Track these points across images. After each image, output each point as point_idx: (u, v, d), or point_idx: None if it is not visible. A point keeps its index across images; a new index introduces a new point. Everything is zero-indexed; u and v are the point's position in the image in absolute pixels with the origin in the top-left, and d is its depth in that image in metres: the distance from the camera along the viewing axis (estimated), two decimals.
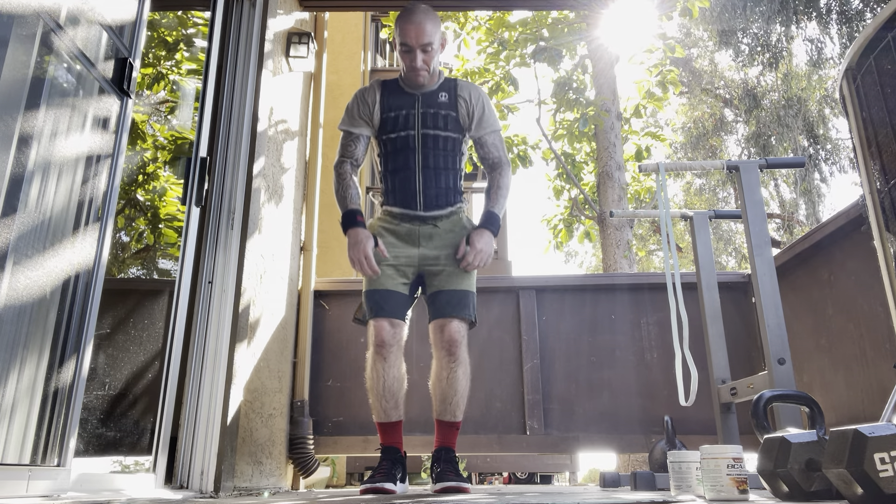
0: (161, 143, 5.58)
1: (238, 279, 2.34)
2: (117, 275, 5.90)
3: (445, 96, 2.30)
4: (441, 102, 2.29)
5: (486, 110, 2.33)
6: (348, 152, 2.36)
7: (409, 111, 2.28)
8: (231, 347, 2.25)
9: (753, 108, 12.03)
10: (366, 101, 2.32)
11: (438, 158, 2.28)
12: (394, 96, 2.31)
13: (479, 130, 2.34)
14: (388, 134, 2.29)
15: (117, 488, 1.84)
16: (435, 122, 2.27)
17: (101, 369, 3.04)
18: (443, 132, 2.28)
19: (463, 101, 2.29)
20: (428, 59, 2.20)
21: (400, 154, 2.28)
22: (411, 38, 2.17)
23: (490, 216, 2.29)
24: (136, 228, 5.63)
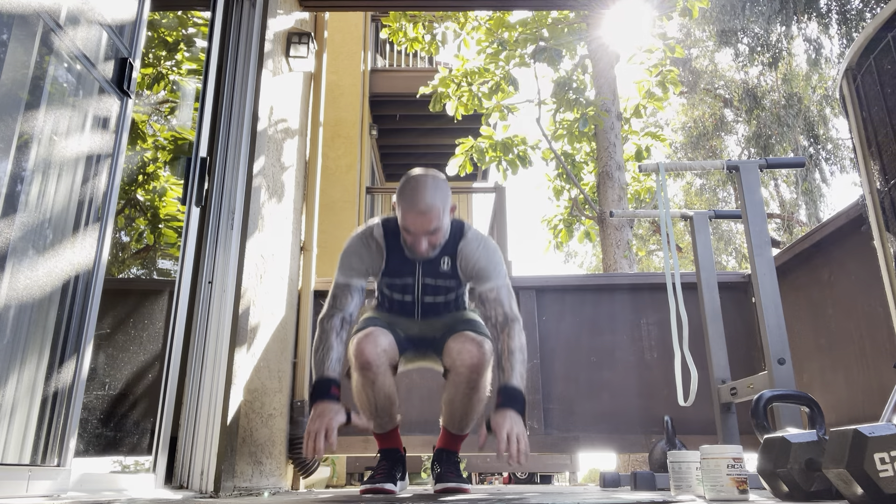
0: (161, 143, 5.58)
1: (238, 279, 2.34)
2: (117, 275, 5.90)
3: (448, 263, 2.06)
4: (443, 272, 2.08)
5: (486, 265, 2.04)
6: (340, 304, 2.06)
7: (408, 279, 2.10)
8: (231, 347, 2.25)
9: (753, 108, 12.03)
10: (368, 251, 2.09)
11: (439, 307, 2.16)
12: (394, 256, 2.08)
13: (480, 285, 2.05)
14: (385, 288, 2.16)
15: (117, 488, 1.84)
16: (435, 291, 2.11)
17: (101, 369, 3.04)
18: (444, 295, 2.13)
19: (463, 261, 2.06)
20: (434, 240, 1.96)
21: (398, 303, 2.16)
22: (416, 226, 1.90)
23: (508, 393, 1.90)
24: (136, 228, 5.63)
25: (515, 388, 1.90)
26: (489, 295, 2.03)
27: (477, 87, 6.90)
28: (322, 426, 1.79)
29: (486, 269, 2.04)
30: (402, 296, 2.13)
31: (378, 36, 9.70)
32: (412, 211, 1.88)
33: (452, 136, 8.30)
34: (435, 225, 1.90)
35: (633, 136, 7.71)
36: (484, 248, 2.07)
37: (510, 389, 1.90)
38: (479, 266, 2.04)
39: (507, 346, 1.96)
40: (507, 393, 1.89)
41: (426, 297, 2.12)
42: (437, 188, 1.92)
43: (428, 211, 1.87)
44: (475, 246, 2.06)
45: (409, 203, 1.89)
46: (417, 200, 1.88)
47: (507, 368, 1.93)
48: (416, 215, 1.87)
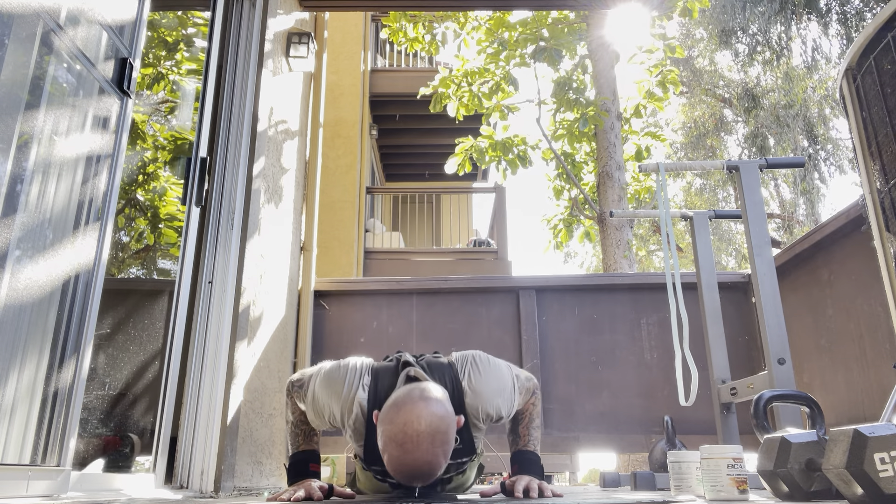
0: (161, 143, 5.58)
1: (238, 279, 2.34)
2: (117, 275, 5.90)
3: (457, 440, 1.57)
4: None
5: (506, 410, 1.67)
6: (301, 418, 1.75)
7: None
8: (231, 347, 2.25)
9: (753, 108, 12.03)
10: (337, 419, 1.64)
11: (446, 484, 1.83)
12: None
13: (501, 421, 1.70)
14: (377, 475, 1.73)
15: (117, 488, 1.84)
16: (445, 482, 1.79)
17: (101, 369, 3.04)
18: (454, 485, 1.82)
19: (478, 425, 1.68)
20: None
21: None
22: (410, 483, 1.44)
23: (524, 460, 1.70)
24: (136, 228, 5.63)
25: (532, 452, 1.72)
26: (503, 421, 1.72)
27: (477, 87, 6.90)
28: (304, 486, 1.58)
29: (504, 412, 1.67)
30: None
31: (378, 36, 9.70)
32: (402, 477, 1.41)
33: (452, 136, 8.30)
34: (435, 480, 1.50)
35: (633, 136, 7.71)
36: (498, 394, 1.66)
37: (528, 455, 1.71)
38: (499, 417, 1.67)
39: (528, 415, 1.78)
40: (524, 459, 1.70)
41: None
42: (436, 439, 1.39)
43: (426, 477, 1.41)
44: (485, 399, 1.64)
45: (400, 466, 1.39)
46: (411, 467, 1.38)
47: (524, 434, 1.75)
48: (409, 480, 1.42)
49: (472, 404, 1.62)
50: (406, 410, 1.40)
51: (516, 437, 1.74)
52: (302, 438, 1.71)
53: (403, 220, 11.15)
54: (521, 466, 1.68)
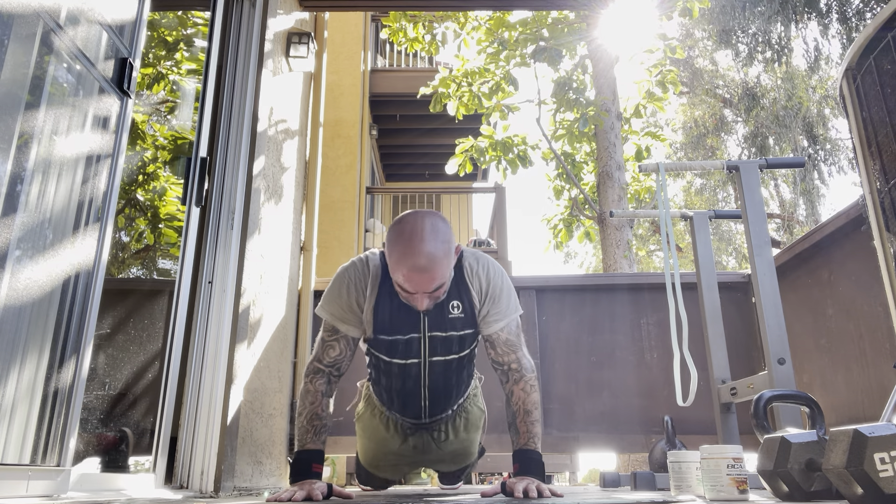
0: (161, 143, 5.58)
1: (238, 279, 2.34)
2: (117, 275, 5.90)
3: (458, 307, 1.72)
4: (454, 319, 1.73)
5: (497, 300, 1.75)
6: (328, 357, 1.77)
7: (413, 336, 1.74)
8: (231, 347, 2.25)
9: (753, 108, 12.04)
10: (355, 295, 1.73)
11: (450, 379, 1.85)
12: (391, 303, 1.71)
13: (488, 327, 1.76)
14: (383, 355, 1.79)
15: (117, 488, 1.84)
16: (447, 348, 1.77)
17: (101, 369, 3.04)
18: (457, 355, 1.80)
19: (478, 293, 1.74)
20: (438, 295, 1.64)
21: (399, 378, 1.83)
22: (414, 286, 1.56)
23: (525, 459, 1.68)
24: (136, 228, 5.63)
25: (533, 451, 1.69)
26: (500, 336, 1.76)
27: (477, 87, 6.90)
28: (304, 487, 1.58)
29: (498, 306, 1.74)
30: (404, 362, 1.78)
31: (378, 36, 9.70)
32: (407, 267, 1.52)
33: (452, 136, 8.30)
34: (439, 282, 1.57)
35: (633, 136, 7.71)
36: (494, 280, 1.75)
37: (529, 454, 1.68)
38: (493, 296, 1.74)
39: (523, 406, 1.72)
40: (525, 459, 1.68)
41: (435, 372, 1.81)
42: (438, 235, 1.54)
43: (428, 267, 1.52)
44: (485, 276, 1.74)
45: (403, 256, 1.52)
46: (414, 254, 1.51)
47: (523, 431, 1.70)
48: (414, 272, 1.52)
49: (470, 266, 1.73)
50: (409, 215, 1.59)
51: (517, 434, 1.72)
52: (311, 435, 1.70)
53: None
54: (522, 466, 1.67)
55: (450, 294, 1.71)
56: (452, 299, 1.72)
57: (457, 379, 1.86)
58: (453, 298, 1.72)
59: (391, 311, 1.71)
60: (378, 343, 1.76)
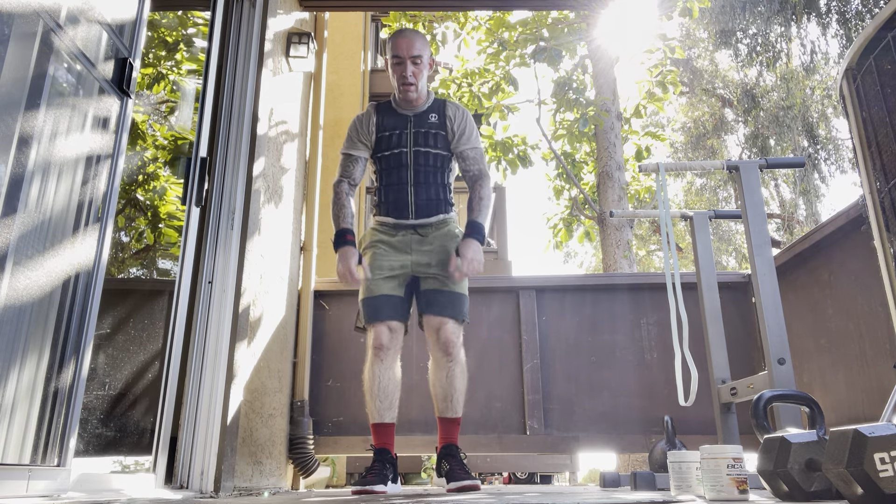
0: (161, 143, 5.58)
1: (238, 279, 2.34)
2: (117, 275, 5.90)
3: (435, 117, 2.46)
4: (431, 122, 2.45)
5: (469, 127, 2.47)
6: (347, 172, 2.49)
7: (403, 131, 2.43)
8: (231, 347, 2.25)
9: (753, 109, 12.04)
10: (363, 124, 2.48)
11: (429, 174, 2.42)
12: (388, 117, 2.46)
13: (461, 145, 2.45)
14: (383, 152, 2.44)
15: (117, 488, 1.84)
16: (426, 140, 2.43)
17: (101, 369, 3.04)
18: (433, 150, 2.42)
19: (449, 120, 2.45)
20: (417, 73, 2.38)
21: (394, 171, 2.42)
22: (402, 50, 2.35)
23: (474, 226, 2.38)
24: (136, 228, 5.63)
25: (480, 223, 2.36)
26: (469, 153, 2.45)
27: (477, 87, 6.90)
28: (345, 269, 2.28)
29: (468, 131, 2.46)
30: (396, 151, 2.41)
31: (378, 36, 9.69)
32: (400, 38, 2.35)
33: None
34: (418, 52, 2.35)
35: (633, 136, 7.71)
36: (466, 115, 2.49)
37: (477, 224, 2.36)
38: (462, 127, 2.44)
39: (479, 194, 2.43)
40: (474, 227, 2.36)
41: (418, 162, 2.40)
42: (420, 34, 2.40)
43: (413, 39, 2.35)
44: (459, 110, 2.49)
45: (397, 34, 2.37)
46: (404, 32, 2.39)
47: (476, 209, 2.40)
48: (403, 40, 2.34)
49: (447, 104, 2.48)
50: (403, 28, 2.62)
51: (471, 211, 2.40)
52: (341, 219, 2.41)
53: None
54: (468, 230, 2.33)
55: (430, 109, 2.45)
56: (431, 113, 2.44)
57: (434, 178, 2.41)
58: (432, 112, 2.45)
59: (388, 120, 2.46)
60: (379, 141, 2.44)
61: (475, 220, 2.40)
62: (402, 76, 2.37)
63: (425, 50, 2.40)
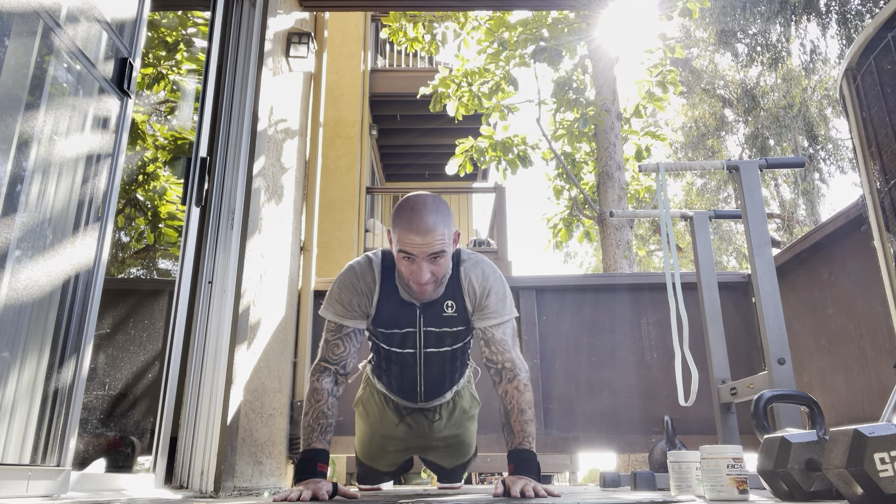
0: (161, 143, 5.58)
1: (238, 279, 2.34)
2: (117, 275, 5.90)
3: (452, 306, 1.81)
4: (447, 316, 1.82)
5: (494, 298, 1.81)
6: (335, 355, 1.81)
7: (409, 329, 1.84)
8: (231, 347, 2.25)
9: (753, 109, 12.04)
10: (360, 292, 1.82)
11: (444, 367, 1.95)
12: (391, 301, 1.81)
13: (482, 321, 1.81)
14: (382, 343, 1.91)
15: (117, 488, 1.84)
16: (440, 341, 1.87)
17: (101, 369, 3.04)
18: (450, 348, 1.90)
19: (470, 299, 1.81)
20: (438, 271, 1.69)
21: (397, 364, 1.94)
22: (416, 248, 1.63)
23: (521, 459, 1.68)
24: (136, 228, 5.63)
25: (528, 451, 1.69)
26: (494, 334, 1.79)
27: (477, 87, 6.90)
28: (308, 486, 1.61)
29: (492, 300, 1.80)
30: (401, 351, 1.88)
31: (378, 36, 9.70)
32: (412, 230, 1.61)
33: (452, 136, 8.30)
34: (439, 247, 1.63)
35: (633, 136, 7.71)
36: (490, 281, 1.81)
37: (524, 454, 1.69)
38: (483, 297, 1.80)
39: (517, 405, 1.74)
40: (520, 459, 1.68)
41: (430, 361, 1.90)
42: (439, 208, 1.65)
43: (431, 230, 1.60)
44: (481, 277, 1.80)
45: (408, 222, 1.62)
46: (418, 219, 1.61)
47: (518, 431, 1.72)
48: (417, 235, 1.61)
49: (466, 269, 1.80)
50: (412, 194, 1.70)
51: (511, 434, 1.73)
52: (317, 434, 1.72)
53: None
54: (517, 466, 1.67)
55: (445, 294, 1.80)
56: (447, 299, 1.80)
57: (450, 368, 1.96)
58: (448, 299, 1.80)
59: (390, 309, 1.81)
60: (377, 333, 1.88)
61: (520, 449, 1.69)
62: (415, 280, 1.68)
63: (449, 232, 1.66)
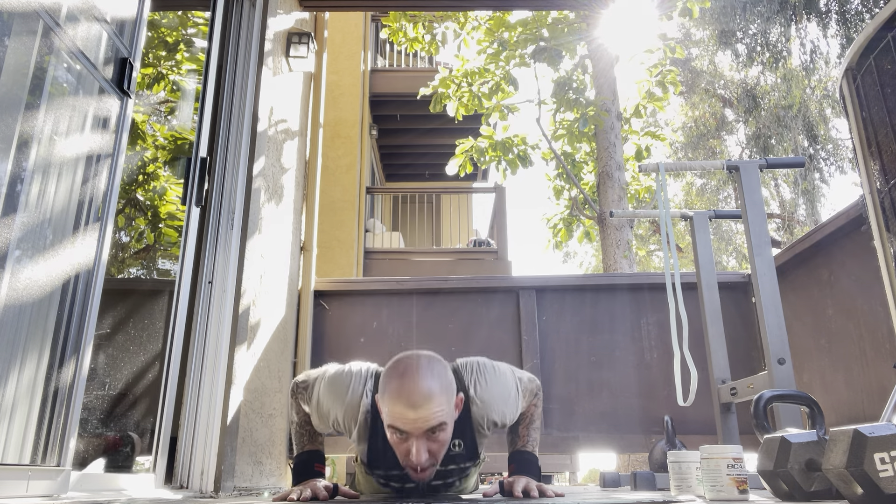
0: (161, 143, 5.58)
1: (238, 279, 2.34)
2: (117, 275, 5.90)
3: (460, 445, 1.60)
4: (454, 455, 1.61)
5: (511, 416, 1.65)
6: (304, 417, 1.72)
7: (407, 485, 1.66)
8: (231, 347, 2.25)
9: (753, 109, 12.04)
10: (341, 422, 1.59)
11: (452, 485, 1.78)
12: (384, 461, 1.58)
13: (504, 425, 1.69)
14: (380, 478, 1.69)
15: (117, 488, 1.84)
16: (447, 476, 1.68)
17: (101, 369, 3.04)
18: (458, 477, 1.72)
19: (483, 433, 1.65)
20: (438, 449, 1.43)
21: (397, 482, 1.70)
22: (409, 425, 1.37)
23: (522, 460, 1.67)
24: (136, 228, 5.63)
25: (530, 453, 1.70)
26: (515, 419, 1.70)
27: (477, 87, 6.90)
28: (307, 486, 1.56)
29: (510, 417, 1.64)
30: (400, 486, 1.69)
31: (378, 36, 9.70)
32: (402, 402, 1.35)
33: (452, 136, 8.30)
34: (438, 419, 1.37)
35: (633, 136, 7.71)
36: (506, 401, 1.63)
37: (525, 455, 1.68)
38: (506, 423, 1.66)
39: (529, 416, 1.76)
40: (522, 458, 1.68)
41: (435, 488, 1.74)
42: (434, 370, 1.40)
43: (427, 400, 1.34)
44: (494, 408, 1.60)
45: (398, 392, 1.35)
46: (410, 387, 1.35)
47: (523, 435, 1.73)
48: (410, 408, 1.34)
49: (479, 413, 1.58)
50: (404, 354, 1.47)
51: (515, 437, 1.73)
52: (307, 438, 1.71)
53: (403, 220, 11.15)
54: (518, 466, 1.67)
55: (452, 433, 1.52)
56: (455, 438, 1.58)
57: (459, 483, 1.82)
58: (455, 437, 1.58)
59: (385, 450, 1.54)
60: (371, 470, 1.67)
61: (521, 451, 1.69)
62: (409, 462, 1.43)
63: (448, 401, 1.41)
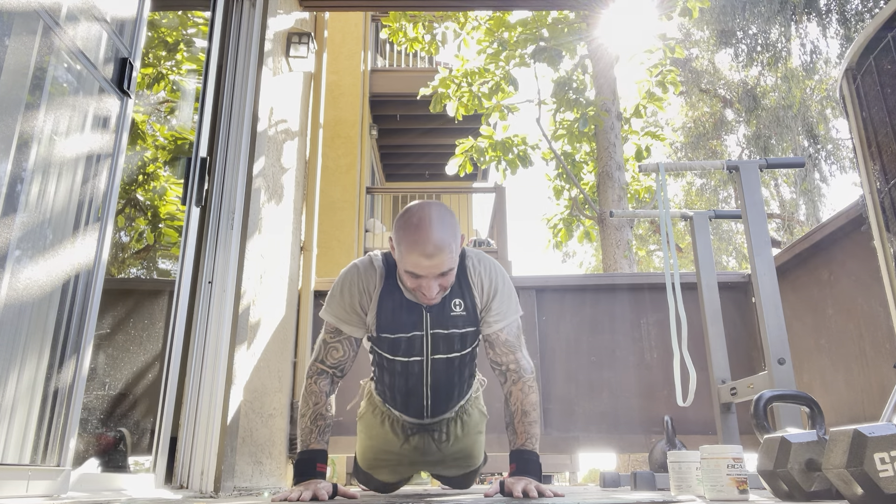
0: (161, 143, 5.58)
1: (238, 279, 2.34)
2: (117, 275, 5.90)
3: (460, 305, 1.74)
4: (455, 317, 1.74)
5: (500, 297, 1.76)
6: (332, 358, 1.77)
7: (415, 334, 1.75)
8: (231, 347, 2.25)
9: (753, 109, 12.03)
10: (358, 295, 1.75)
11: (452, 377, 1.86)
12: (394, 301, 1.73)
13: (489, 327, 1.77)
14: (386, 353, 1.80)
15: (117, 488, 1.84)
16: (449, 345, 1.78)
17: (101, 369, 3.04)
18: (458, 353, 1.81)
19: (478, 296, 1.76)
20: (446, 283, 1.64)
21: (402, 376, 1.84)
22: (424, 270, 1.58)
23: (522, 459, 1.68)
24: (136, 228, 5.63)
25: (531, 452, 1.69)
26: (499, 335, 1.76)
27: (477, 87, 6.90)
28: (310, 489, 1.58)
29: (497, 301, 1.75)
30: (406, 360, 1.79)
31: (378, 36, 9.70)
32: (418, 251, 1.55)
33: (452, 136, 8.30)
34: (449, 265, 1.58)
35: (633, 136, 7.71)
36: (496, 280, 1.76)
37: (526, 454, 1.68)
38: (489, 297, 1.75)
39: (521, 406, 1.72)
40: (522, 458, 1.68)
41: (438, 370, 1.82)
42: (445, 221, 1.59)
43: (440, 250, 1.55)
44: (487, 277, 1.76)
45: (414, 243, 1.55)
46: (425, 238, 1.54)
47: (521, 432, 1.70)
48: (425, 257, 1.55)
49: (473, 266, 1.75)
50: (415, 206, 1.63)
51: (514, 435, 1.72)
52: (315, 435, 1.71)
53: None
54: (518, 466, 1.67)
55: (452, 292, 1.73)
56: (455, 297, 1.73)
57: (458, 378, 1.88)
58: (455, 297, 1.74)
59: (394, 310, 1.73)
60: (381, 341, 1.78)
61: (521, 450, 1.69)
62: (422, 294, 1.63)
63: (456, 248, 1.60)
